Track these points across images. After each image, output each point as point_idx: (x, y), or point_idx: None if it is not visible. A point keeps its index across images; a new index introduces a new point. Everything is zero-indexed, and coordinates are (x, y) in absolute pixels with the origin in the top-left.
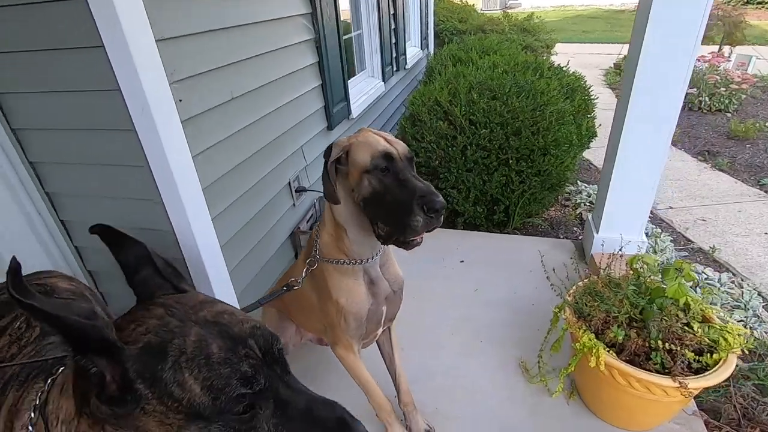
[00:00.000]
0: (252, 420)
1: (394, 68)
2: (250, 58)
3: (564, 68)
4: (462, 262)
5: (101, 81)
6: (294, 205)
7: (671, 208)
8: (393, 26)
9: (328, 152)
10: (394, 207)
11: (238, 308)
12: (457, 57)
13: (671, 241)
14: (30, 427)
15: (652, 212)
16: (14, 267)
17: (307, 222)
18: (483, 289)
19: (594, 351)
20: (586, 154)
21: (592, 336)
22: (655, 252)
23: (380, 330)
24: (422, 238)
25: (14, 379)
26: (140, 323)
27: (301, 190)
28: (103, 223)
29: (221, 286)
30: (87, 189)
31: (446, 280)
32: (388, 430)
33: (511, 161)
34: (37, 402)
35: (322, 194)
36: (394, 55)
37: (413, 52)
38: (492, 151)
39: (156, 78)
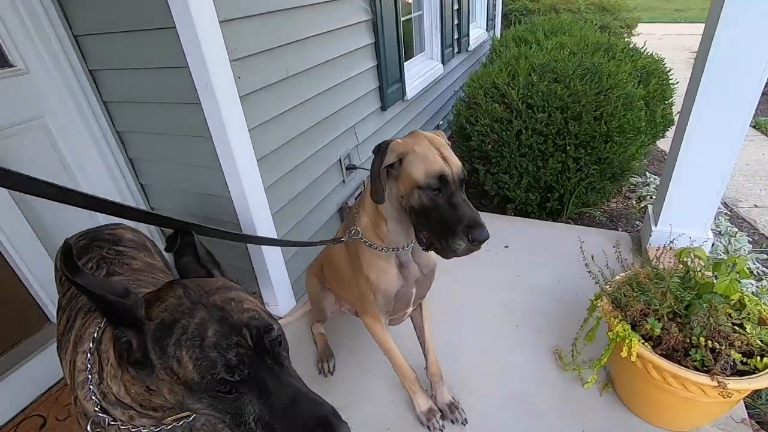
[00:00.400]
0: (236, 401)
1: (455, 50)
2: (306, 38)
3: (641, 49)
4: (506, 247)
5: (173, 59)
6: (344, 181)
7: (756, 206)
8: (456, 7)
9: (378, 149)
10: (440, 225)
11: (250, 296)
12: (522, 38)
13: (750, 242)
14: (89, 355)
15: (732, 210)
16: (67, 248)
17: (356, 198)
18: (525, 276)
19: (627, 341)
20: (661, 143)
21: (628, 326)
22: (726, 252)
23: (410, 309)
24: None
25: (83, 308)
26: (163, 300)
27: (351, 168)
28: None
29: (271, 250)
30: (161, 156)
31: (488, 264)
32: (412, 398)
33: (568, 147)
34: (95, 335)
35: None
36: (456, 36)
37: (477, 33)
38: (549, 137)
39: (218, 56)
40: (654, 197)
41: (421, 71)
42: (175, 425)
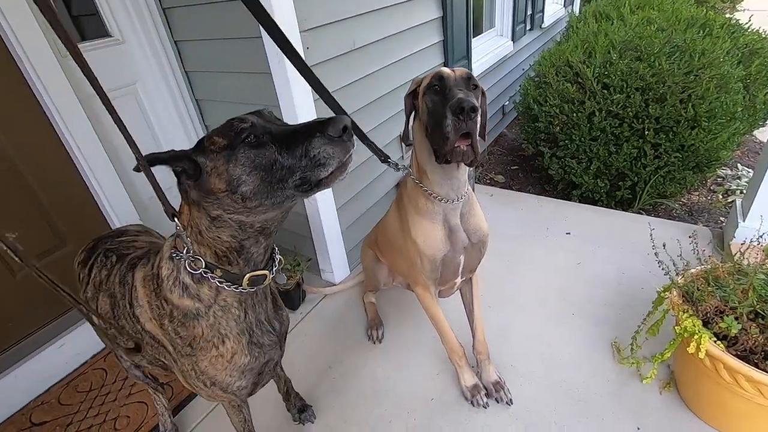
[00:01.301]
0: (259, 146)
1: (528, 27)
2: (374, 11)
3: (745, 25)
4: (568, 234)
5: (248, 29)
6: (402, 156)
7: None
8: None
9: None
10: (437, 120)
11: None
12: (603, 13)
13: None
14: (173, 255)
15: None
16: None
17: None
18: (587, 265)
19: (696, 337)
20: (760, 134)
21: (699, 322)
22: None
23: (458, 279)
24: (467, 146)
25: (129, 267)
26: None
27: (410, 144)
28: None
29: (329, 221)
30: None
31: (547, 249)
32: (458, 372)
33: (647, 132)
34: (167, 250)
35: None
36: (529, 12)
37: (554, 9)
38: (625, 119)
39: (289, 26)
40: (745, 192)
41: (489, 48)
42: (250, 290)
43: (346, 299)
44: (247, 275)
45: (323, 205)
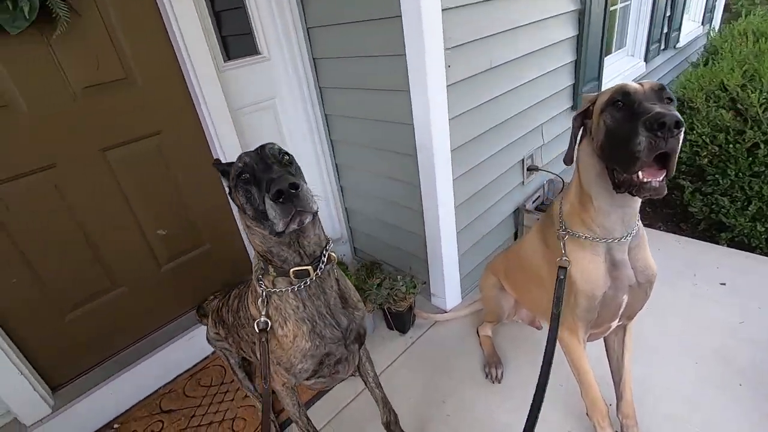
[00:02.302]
0: (247, 182)
1: (662, 46)
2: (513, 29)
3: None
4: (723, 284)
5: (391, 47)
6: (522, 183)
7: None
8: None
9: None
10: (621, 139)
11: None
12: (760, 32)
13: None
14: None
15: None
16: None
17: (533, 202)
18: (752, 324)
19: None
20: None
21: None
22: None
23: (615, 323)
24: (658, 182)
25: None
26: None
27: (532, 169)
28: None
29: (448, 245)
30: (360, 140)
31: (698, 301)
32: None
33: None
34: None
35: (553, 176)
36: (665, 30)
37: (690, 27)
38: None
39: (435, 44)
40: None
41: (620, 69)
42: (298, 282)
43: (457, 328)
44: (291, 270)
45: (444, 227)
